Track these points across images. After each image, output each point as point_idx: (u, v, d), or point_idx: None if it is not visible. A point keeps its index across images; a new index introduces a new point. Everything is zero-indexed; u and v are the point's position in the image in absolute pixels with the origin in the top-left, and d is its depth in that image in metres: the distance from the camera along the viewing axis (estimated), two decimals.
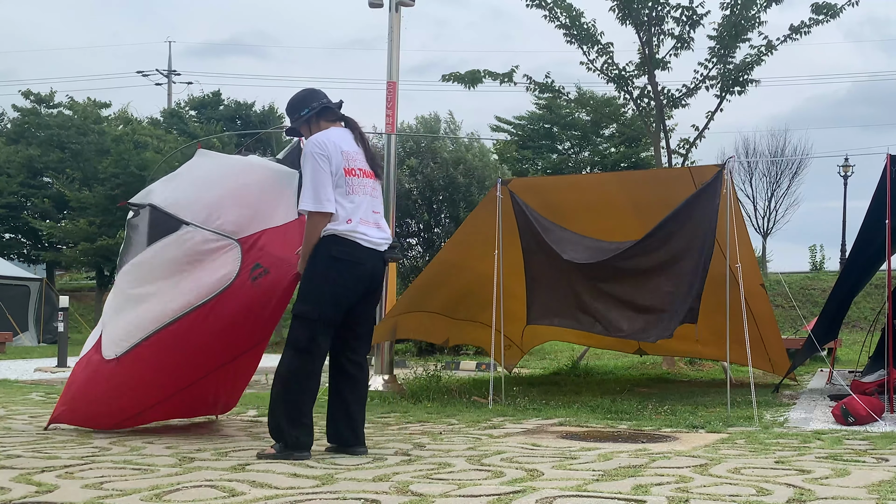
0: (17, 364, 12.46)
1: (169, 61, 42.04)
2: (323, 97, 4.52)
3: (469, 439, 4.98)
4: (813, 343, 7.88)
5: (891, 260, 7.07)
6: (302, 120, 4.48)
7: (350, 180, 4.23)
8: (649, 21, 12.38)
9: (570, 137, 32.02)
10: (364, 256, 4.24)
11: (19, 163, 25.99)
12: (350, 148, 4.31)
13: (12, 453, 4.28)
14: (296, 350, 4.23)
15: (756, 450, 4.56)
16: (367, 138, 4.44)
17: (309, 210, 4.20)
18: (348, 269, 4.22)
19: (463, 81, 12.94)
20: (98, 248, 20.29)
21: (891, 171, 6.40)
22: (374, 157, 4.43)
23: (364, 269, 4.25)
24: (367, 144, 4.41)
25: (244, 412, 6.33)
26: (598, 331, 7.22)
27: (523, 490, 3.38)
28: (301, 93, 4.56)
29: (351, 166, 4.25)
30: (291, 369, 4.24)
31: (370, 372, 8.44)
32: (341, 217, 4.21)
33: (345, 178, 4.22)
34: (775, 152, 30.85)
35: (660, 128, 12.84)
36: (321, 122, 4.46)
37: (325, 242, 4.22)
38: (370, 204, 4.32)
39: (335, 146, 4.24)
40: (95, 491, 3.35)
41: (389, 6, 9.04)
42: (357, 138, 4.37)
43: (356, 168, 4.28)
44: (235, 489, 3.40)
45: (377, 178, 4.42)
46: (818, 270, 29.13)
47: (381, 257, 4.35)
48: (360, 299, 4.33)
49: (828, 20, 12.17)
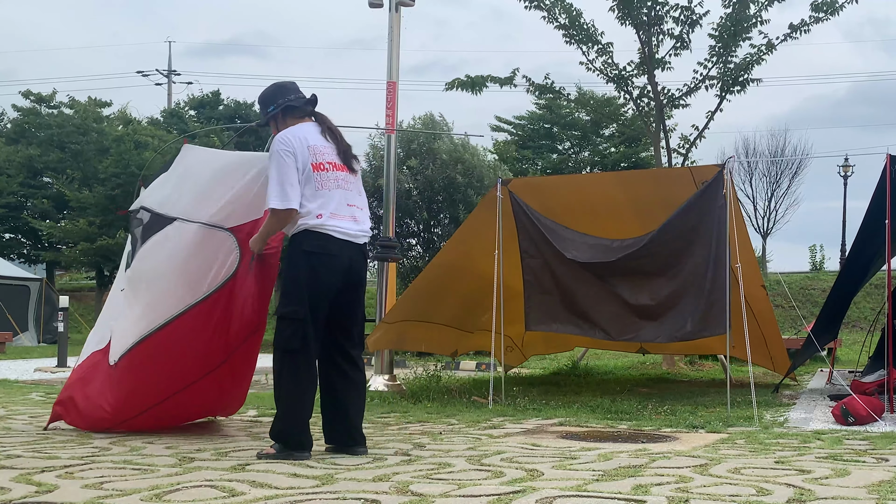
0: (17, 364, 12.46)
1: (169, 61, 42.08)
2: (291, 93, 4.47)
3: (469, 439, 4.98)
4: (813, 343, 7.88)
5: (891, 260, 7.07)
6: (269, 116, 4.49)
7: (319, 175, 4.22)
8: (649, 21, 12.38)
9: (570, 137, 32.02)
10: (337, 249, 4.23)
11: (19, 163, 25.98)
12: (317, 142, 4.29)
13: (12, 453, 4.28)
14: (284, 351, 4.24)
15: (756, 450, 4.56)
16: (338, 132, 4.42)
17: (274, 207, 4.22)
18: (323, 263, 4.21)
19: (467, 88, 12.96)
20: (98, 248, 20.28)
21: (890, 171, 6.40)
22: (348, 151, 4.37)
23: (339, 261, 4.23)
24: (338, 138, 4.38)
25: (244, 412, 6.32)
26: (600, 336, 7.21)
27: (523, 490, 3.38)
28: (270, 88, 4.54)
29: (319, 160, 4.24)
30: (283, 371, 4.25)
31: (371, 371, 8.46)
32: (312, 212, 4.21)
33: (313, 173, 4.21)
34: (775, 152, 30.87)
35: (660, 128, 12.85)
36: (287, 119, 4.45)
37: (297, 239, 4.25)
38: (343, 197, 4.29)
39: (301, 142, 4.24)
40: (95, 491, 3.35)
41: (389, 6, 9.04)
42: (325, 132, 4.35)
43: (325, 162, 4.26)
44: (235, 489, 3.40)
45: (351, 171, 4.36)
46: (818, 270, 29.15)
47: (360, 250, 4.34)
48: (340, 293, 4.29)
49: (828, 18, 12.17)
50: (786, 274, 28.11)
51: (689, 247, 6.63)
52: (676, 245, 6.69)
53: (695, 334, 6.64)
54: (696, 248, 6.58)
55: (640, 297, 6.84)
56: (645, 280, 6.82)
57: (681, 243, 6.66)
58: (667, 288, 6.74)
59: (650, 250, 6.75)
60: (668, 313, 6.71)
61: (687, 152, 13.28)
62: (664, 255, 6.73)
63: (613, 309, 6.95)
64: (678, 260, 6.69)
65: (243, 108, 30.63)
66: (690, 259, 6.62)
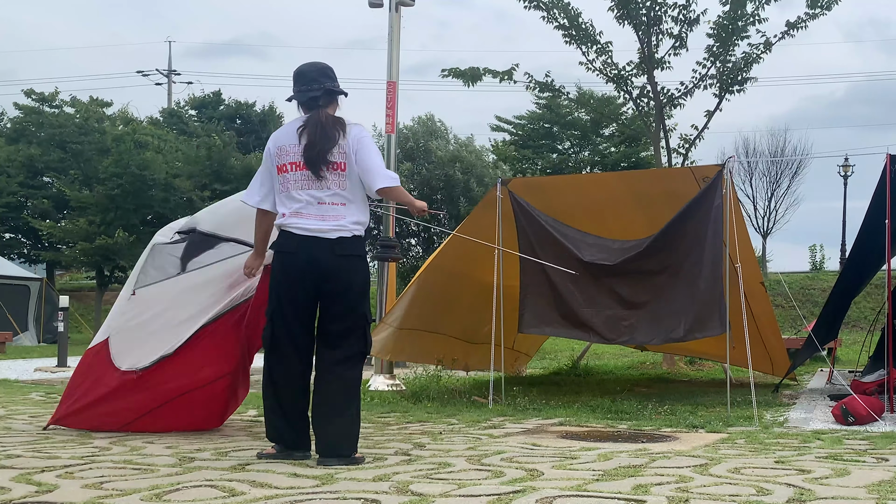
0: (17, 364, 12.46)
1: (169, 61, 42.12)
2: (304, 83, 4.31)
3: (469, 439, 4.98)
4: (813, 343, 7.88)
5: (891, 260, 7.07)
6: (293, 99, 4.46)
7: (282, 177, 4.27)
8: (647, 20, 12.38)
9: (570, 137, 32.03)
10: (294, 245, 4.18)
11: (20, 162, 25.98)
12: (287, 142, 4.27)
13: (12, 453, 4.28)
14: (265, 351, 4.34)
15: (756, 450, 4.56)
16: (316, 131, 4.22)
17: (244, 201, 4.49)
18: (284, 261, 4.23)
19: (463, 77, 12.93)
20: (98, 248, 20.28)
21: (891, 171, 6.40)
22: (317, 150, 4.19)
23: (297, 258, 4.17)
24: (314, 136, 4.21)
25: (244, 412, 6.33)
26: (595, 339, 7.20)
27: (523, 490, 3.38)
28: (299, 68, 4.40)
29: (282, 162, 4.26)
30: (265, 370, 4.32)
31: (371, 371, 8.44)
32: (279, 211, 4.29)
33: (277, 175, 4.30)
34: (775, 152, 30.86)
35: (660, 127, 12.85)
36: (300, 109, 4.40)
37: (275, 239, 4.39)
38: (313, 196, 4.21)
39: (274, 142, 4.34)
40: (95, 491, 3.35)
41: (389, 6, 9.04)
42: (302, 130, 4.25)
43: (287, 163, 4.25)
44: (235, 489, 3.40)
45: (322, 166, 4.19)
46: (818, 270, 29.16)
47: (327, 246, 4.17)
48: (317, 291, 4.20)
49: (823, 13, 12.17)
50: (786, 274, 28.15)
51: (684, 247, 6.62)
52: (673, 246, 6.68)
53: (687, 336, 6.64)
54: (692, 249, 6.57)
55: (635, 298, 6.82)
56: (641, 281, 6.80)
57: (678, 244, 6.65)
58: (662, 289, 6.73)
59: (650, 252, 6.74)
60: (662, 315, 6.70)
61: (687, 152, 13.28)
62: (661, 256, 6.72)
63: (609, 311, 6.91)
64: (674, 261, 6.68)
65: (244, 109, 30.64)
66: (686, 260, 6.61)
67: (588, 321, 6.95)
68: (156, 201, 21.37)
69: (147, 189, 21.01)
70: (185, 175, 22.02)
